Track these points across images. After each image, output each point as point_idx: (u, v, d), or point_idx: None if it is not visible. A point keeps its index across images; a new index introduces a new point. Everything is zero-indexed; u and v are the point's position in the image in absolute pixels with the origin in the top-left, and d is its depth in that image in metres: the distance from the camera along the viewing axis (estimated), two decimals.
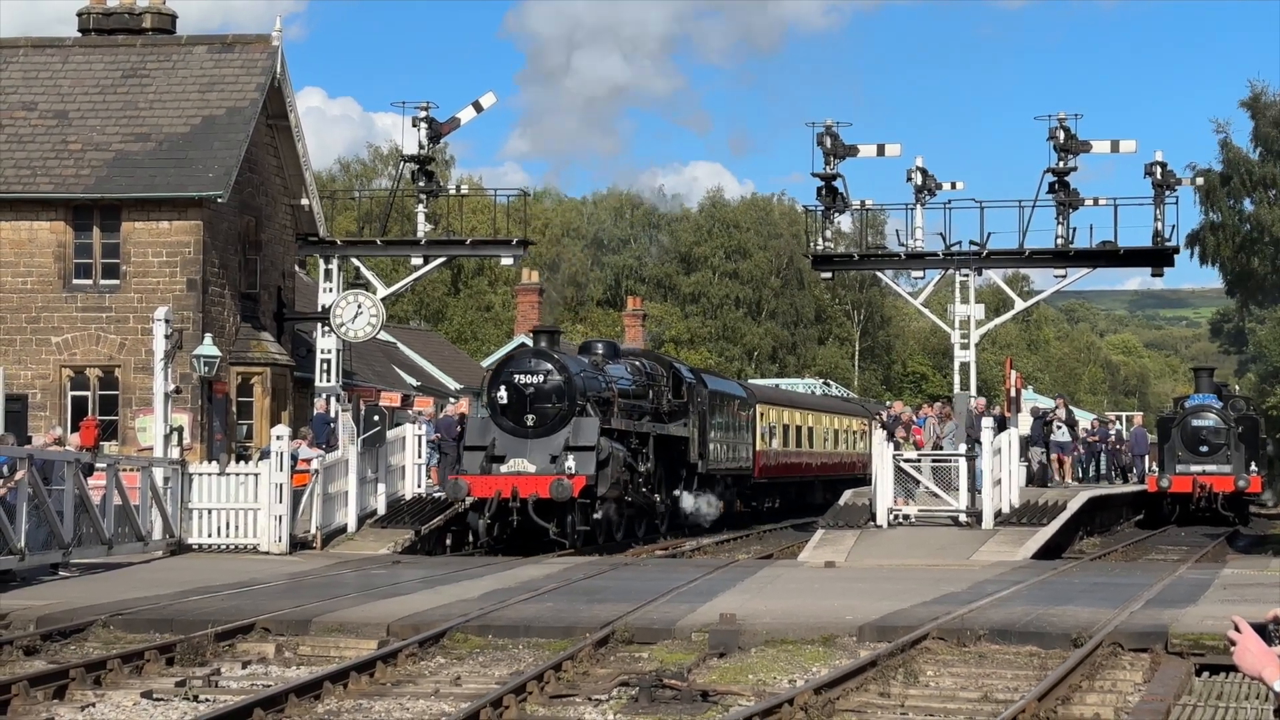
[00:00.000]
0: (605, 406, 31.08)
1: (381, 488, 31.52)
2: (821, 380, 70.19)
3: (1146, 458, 46.55)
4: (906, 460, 30.14)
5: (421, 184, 36.69)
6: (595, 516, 30.13)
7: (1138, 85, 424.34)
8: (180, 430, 29.33)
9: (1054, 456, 38.18)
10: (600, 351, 33.92)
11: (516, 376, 30.26)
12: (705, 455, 37.27)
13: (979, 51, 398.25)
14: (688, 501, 36.31)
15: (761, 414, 43.33)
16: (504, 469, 29.55)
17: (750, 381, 57.62)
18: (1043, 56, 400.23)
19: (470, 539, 30.78)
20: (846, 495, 33.21)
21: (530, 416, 29.87)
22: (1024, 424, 36.33)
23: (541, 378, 30.08)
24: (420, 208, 37.02)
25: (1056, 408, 40.18)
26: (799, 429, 47.78)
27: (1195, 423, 41.32)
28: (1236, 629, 5.65)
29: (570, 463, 29.26)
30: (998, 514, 29.40)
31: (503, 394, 30.09)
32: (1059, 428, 38.27)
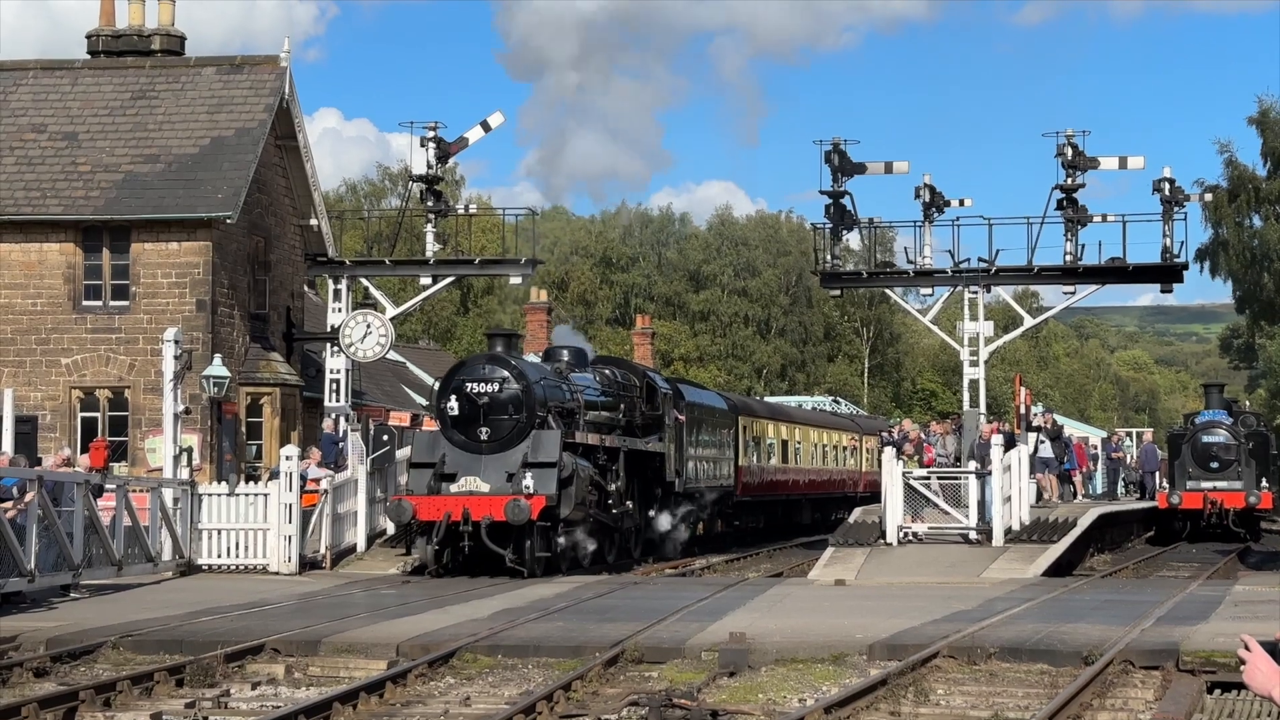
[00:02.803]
0: (569, 418, 28.36)
1: None
2: (831, 398, 70.13)
3: (1157, 474, 46.44)
4: (916, 478, 30.08)
5: (430, 204, 36.74)
6: (558, 541, 27.23)
7: (1147, 101, 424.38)
8: (190, 451, 29.36)
9: (1036, 475, 34.55)
10: (565, 358, 30.88)
11: (468, 385, 27.27)
12: (682, 472, 34.54)
13: (989, 69, 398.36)
14: (663, 522, 33.69)
15: (744, 427, 40.73)
16: (454, 488, 26.67)
17: (762, 397, 57.39)
18: (1051, 73, 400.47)
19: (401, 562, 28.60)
20: (856, 513, 33.14)
21: (484, 429, 26.99)
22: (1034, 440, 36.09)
23: (497, 386, 27.13)
24: (429, 227, 37.06)
25: (1037, 420, 37.72)
26: (785, 444, 45.36)
27: (1206, 439, 41.22)
28: (1246, 648, 5.63)
29: (528, 481, 26.30)
30: (1008, 531, 29.34)
31: (453, 404, 27.15)
32: (1041, 442, 35.59)
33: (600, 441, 29.50)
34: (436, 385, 29.02)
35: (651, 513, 33.25)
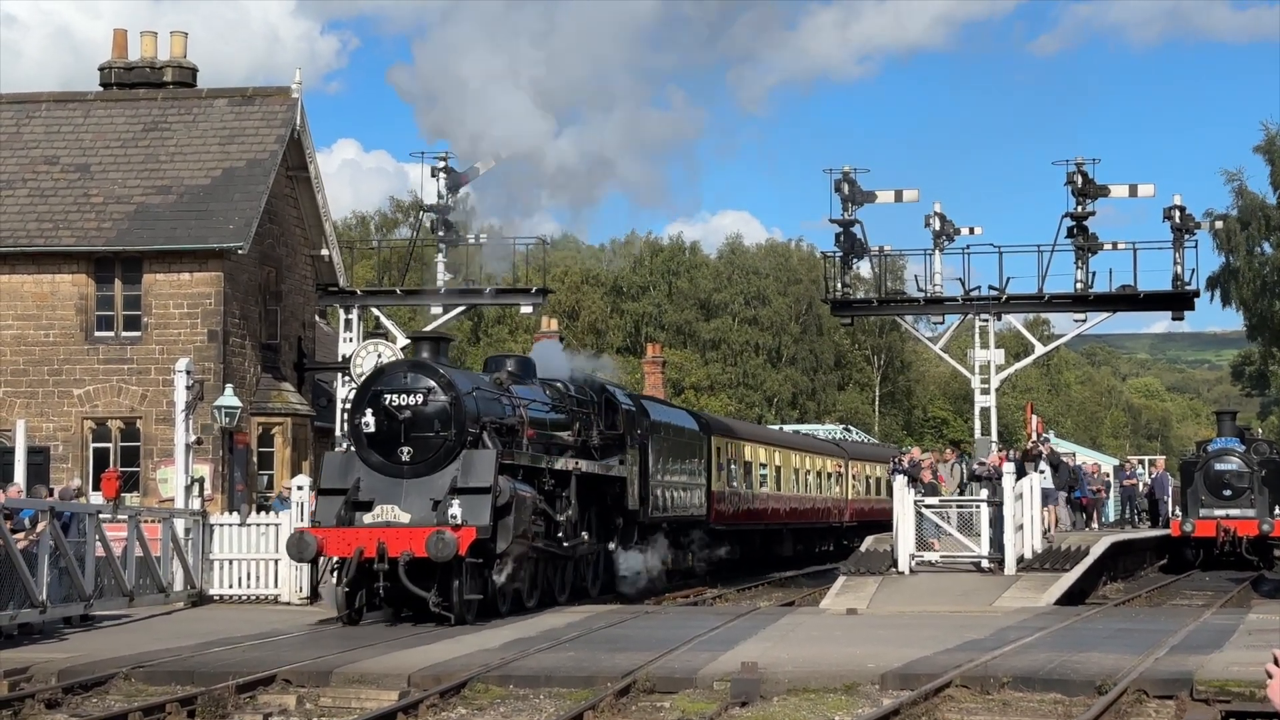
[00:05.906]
0: (509, 436, 24.54)
1: None
2: (842, 426, 70.06)
3: (1170, 501, 46.30)
4: (928, 506, 30.01)
5: (441, 233, 36.83)
6: (496, 579, 23.35)
7: (1158, 129, 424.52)
8: (201, 481, 29.38)
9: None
10: (509, 369, 26.88)
11: (387, 397, 23.25)
12: (648, 500, 31.12)
13: (1002, 98, 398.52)
14: (625, 557, 30.21)
15: (718, 449, 37.22)
16: (369, 519, 22.83)
17: (781, 426, 57.05)
18: (1064, 102, 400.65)
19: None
20: (868, 541, 33.04)
21: (406, 449, 23.09)
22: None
23: (420, 398, 23.21)
24: (440, 257, 37.16)
25: (1035, 445, 35.79)
26: (764, 468, 41.72)
27: (1218, 466, 41.12)
28: (1276, 662, 5.56)
29: (455, 509, 22.36)
30: (1020, 559, 29.25)
31: (369, 419, 23.15)
32: (1041, 471, 32.85)
33: (546, 464, 25.87)
34: (351, 397, 25.25)
35: (612, 546, 29.79)
